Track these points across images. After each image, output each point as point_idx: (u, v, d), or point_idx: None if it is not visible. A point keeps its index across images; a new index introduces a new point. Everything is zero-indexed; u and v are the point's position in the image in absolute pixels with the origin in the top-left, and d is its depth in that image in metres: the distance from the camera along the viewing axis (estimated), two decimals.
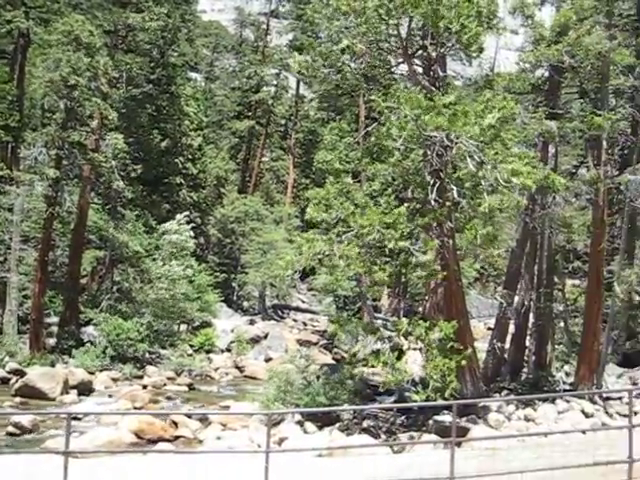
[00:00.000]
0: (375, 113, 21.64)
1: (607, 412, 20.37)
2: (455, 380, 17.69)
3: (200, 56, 69.69)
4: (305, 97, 66.41)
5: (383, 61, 21.80)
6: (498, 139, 17.18)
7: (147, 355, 30.24)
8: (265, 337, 36.94)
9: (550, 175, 19.11)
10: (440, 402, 16.86)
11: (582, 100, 26.75)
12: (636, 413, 20.12)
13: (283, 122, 66.76)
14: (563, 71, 22.73)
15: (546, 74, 23.67)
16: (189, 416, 20.88)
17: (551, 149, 23.98)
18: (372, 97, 19.84)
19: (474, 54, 20.52)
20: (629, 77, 23.31)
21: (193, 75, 63.36)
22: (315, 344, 36.60)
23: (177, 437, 19.47)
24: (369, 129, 23.07)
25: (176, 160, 44.01)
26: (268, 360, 32.61)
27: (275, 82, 63.13)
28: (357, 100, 46.58)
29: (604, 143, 21.99)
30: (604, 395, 21.16)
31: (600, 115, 20.78)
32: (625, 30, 27.09)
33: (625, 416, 19.51)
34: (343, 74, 21.39)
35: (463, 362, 18.39)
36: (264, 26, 65.97)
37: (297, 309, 48.48)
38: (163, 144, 42.73)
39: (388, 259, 18.79)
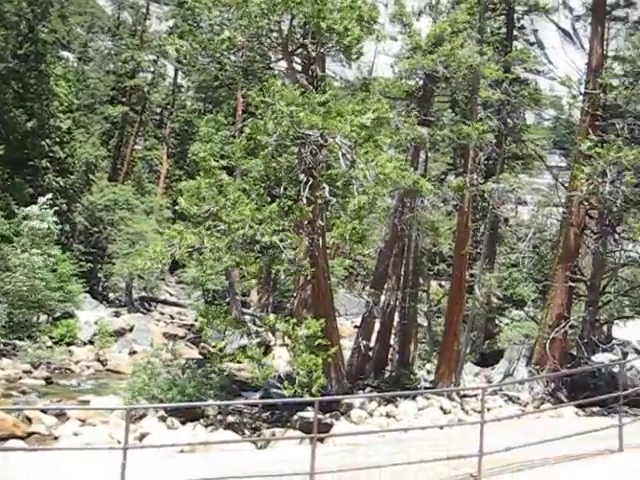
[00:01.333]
0: (252, 107, 21.53)
1: (464, 409, 21.31)
2: (322, 376, 17.91)
3: (73, 35, 66.66)
4: (183, 86, 65.13)
5: (263, 56, 21.74)
6: (371, 140, 17.55)
7: (1, 347, 28.57)
8: (130, 330, 35.87)
9: (419, 180, 19.75)
10: (303, 398, 17.00)
11: (453, 109, 27.88)
12: (489, 409, 21.22)
13: (159, 110, 65.14)
14: (436, 80, 23.56)
15: (420, 82, 24.44)
16: (44, 411, 19.89)
17: (422, 155, 24.79)
18: (249, 91, 19.71)
19: (354, 56, 20.84)
20: (496, 91, 24.49)
21: (65, 54, 60.40)
22: (182, 338, 36.00)
23: (31, 434, 18.42)
24: (245, 123, 22.93)
25: (42, 142, 41.73)
26: (132, 353, 31.71)
27: (152, 69, 61.44)
28: (235, 93, 46.24)
29: (471, 152, 23.01)
30: (461, 392, 22.11)
31: (469, 125, 21.71)
32: (495, 47, 28.45)
33: (479, 412, 20.53)
34: (222, 66, 21.13)
35: (329, 359, 18.67)
36: (143, 10, 63.98)
37: (165, 302, 47.50)
38: (29, 124, 40.42)
39: (258, 254, 18.76)
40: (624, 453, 10.99)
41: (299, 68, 20.93)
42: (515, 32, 32.50)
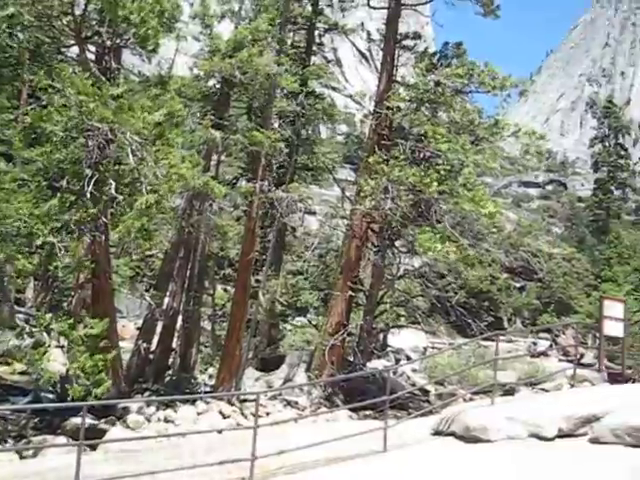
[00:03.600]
0: (40, 92, 20.19)
1: (243, 413, 21.42)
2: (106, 379, 17.17)
3: None
4: None
5: (53, 39, 20.45)
6: (163, 138, 17.15)
7: None
8: None
9: (210, 182, 19.60)
10: (71, 403, 16.12)
11: (248, 116, 28.11)
12: (268, 414, 21.54)
13: None
14: (234, 85, 23.61)
15: (218, 85, 24.38)
16: None
17: (215, 158, 24.71)
18: (36, 74, 18.43)
19: (150, 47, 20.26)
20: (292, 102, 25.09)
21: None
22: None
23: None
24: (30, 108, 21.44)
25: None
26: None
27: None
28: (21, 75, 43.16)
29: (262, 159, 23.31)
30: (241, 397, 22.23)
31: (262, 132, 21.99)
32: (294, 59, 29.16)
33: (258, 417, 20.74)
34: (5, 43, 19.60)
35: (107, 362, 17.92)
36: None
37: None
38: None
39: (35, 250, 17.58)
40: (387, 453, 11.65)
41: (92, 57, 19.97)
42: (314, 47, 33.48)
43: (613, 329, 17.17)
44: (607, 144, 70.76)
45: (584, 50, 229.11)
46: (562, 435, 10.12)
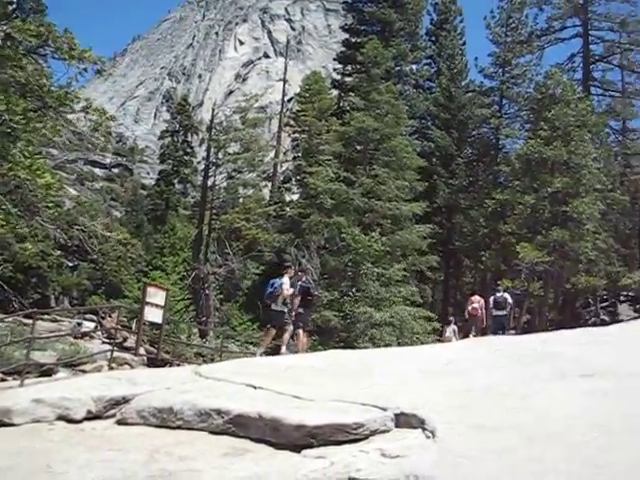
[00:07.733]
0: None
1: None
2: None
3: None
4: None
5: None
6: None
7: None
8: None
9: None
10: None
11: None
12: None
13: None
14: None
15: None
16: None
17: None
18: None
19: None
20: None
21: None
22: None
23: None
24: None
25: None
26: None
27: None
28: None
29: None
30: None
31: None
32: None
33: None
34: None
35: None
36: None
37: None
38: None
39: None
40: None
41: None
42: None
43: (153, 315, 17.71)
44: (176, 139, 73.63)
45: (169, 45, 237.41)
46: (91, 417, 10.00)
